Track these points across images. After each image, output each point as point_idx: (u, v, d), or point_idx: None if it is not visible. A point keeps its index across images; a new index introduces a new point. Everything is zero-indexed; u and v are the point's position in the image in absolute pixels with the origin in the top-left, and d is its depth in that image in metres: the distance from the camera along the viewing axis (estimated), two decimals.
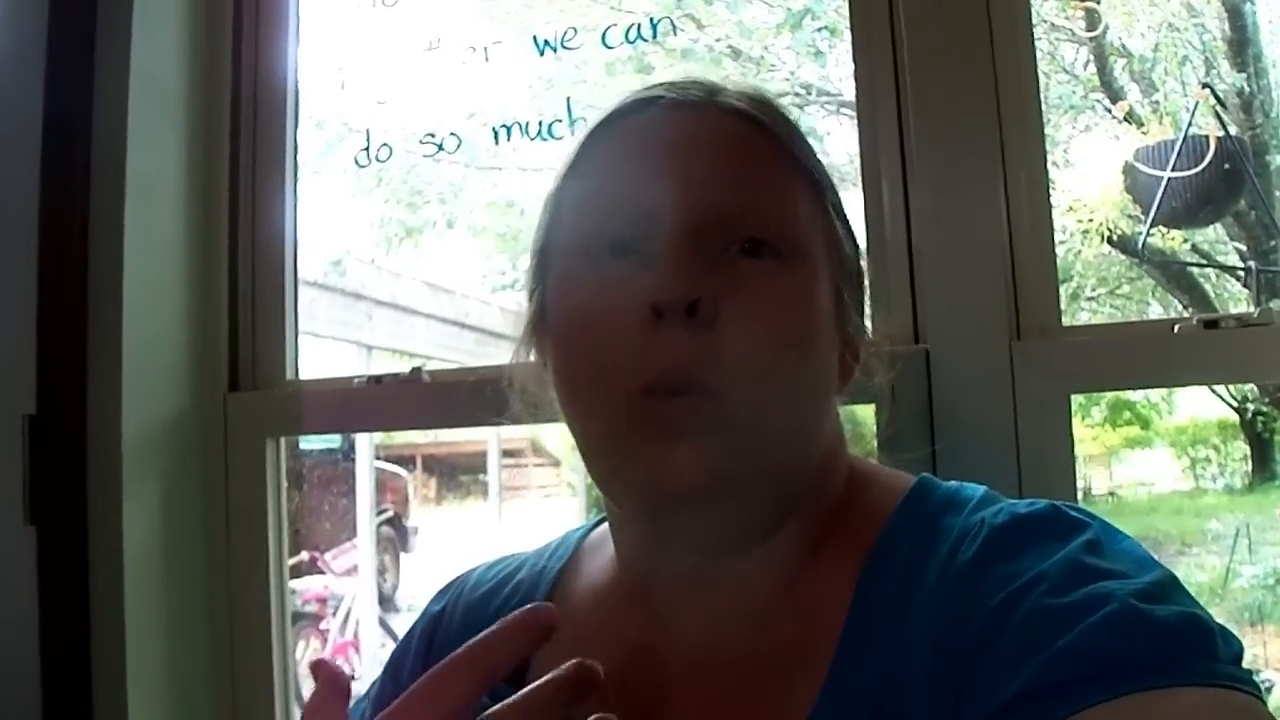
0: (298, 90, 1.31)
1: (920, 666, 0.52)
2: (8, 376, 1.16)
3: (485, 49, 1.23)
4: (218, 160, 1.28)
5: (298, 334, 1.29)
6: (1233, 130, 1.19)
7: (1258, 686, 0.46)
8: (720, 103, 0.62)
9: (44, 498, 1.15)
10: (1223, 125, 1.16)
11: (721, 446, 0.55)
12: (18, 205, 1.18)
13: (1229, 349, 0.91)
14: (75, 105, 1.18)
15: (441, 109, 1.26)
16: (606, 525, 0.70)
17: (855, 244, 0.66)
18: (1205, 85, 1.26)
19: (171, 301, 1.23)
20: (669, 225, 0.57)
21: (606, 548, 0.70)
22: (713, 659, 0.60)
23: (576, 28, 1.19)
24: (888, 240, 1.01)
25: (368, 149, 1.28)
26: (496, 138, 1.21)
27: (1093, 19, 1.30)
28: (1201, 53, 1.37)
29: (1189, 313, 1.15)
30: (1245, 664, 0.47)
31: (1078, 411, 0.97)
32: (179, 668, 1.19)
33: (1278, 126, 1.29)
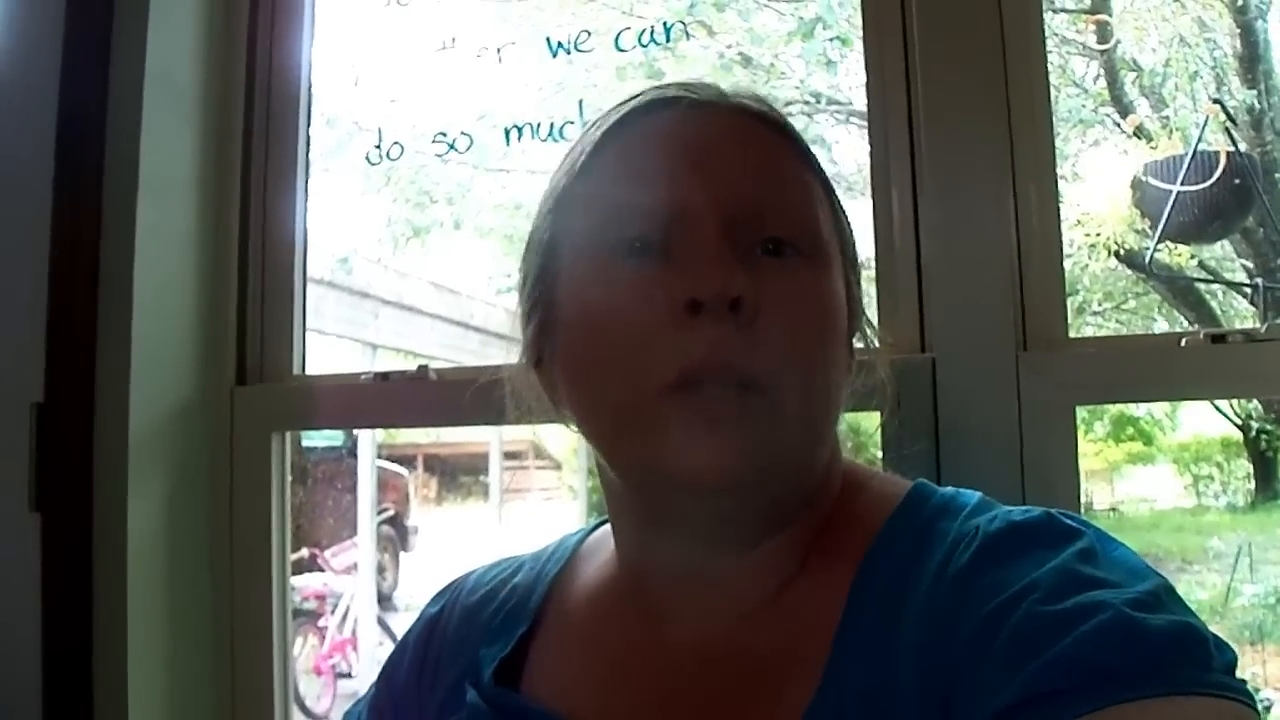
0: (311, 88, 1.32)
1: (912, 672, 0.52)
2: (17, 365, 1.17)
3: (498, 50, 1.24)
4: (230, 156, 1.29)
5: (305, 330, 1.30)
6: (1243, 147, 1.19)
7: (1251, 695, 0.46)
8: (734, 103, 0.62)
9: (50, 486, 1.15)
10: (1233, 141, 1.16)
11: (758, 440, 0.55)
12: (32, 197, 1.18)
13: (1235, 364, 0.91)
14: (90, 100, 1.18)
15: (453, 109, 1.26)
16: (604, 530, 0.70)
17: (855, 242, 0.67)
18: (1216, 101, 1.26)
19: (180, 295, 1.24)
20: (691, 224, 0.57)
21: (604, 551, 0.70)
22: (707, 660, 0.60)
23: (590, 30, 1.20)
24: (896, 249, 1.01)
25: (379, 147, 1.28)
26: (507, 138, 1.22)
27: (1104, 33, 1.30)
28: (1212, 69, 1.38)
29: (1195, 328, 1.15)
30: (1246, 683, 0.47)
31: (1080, 426, 0.97)
32: (180, 658, 1.19)
33: None
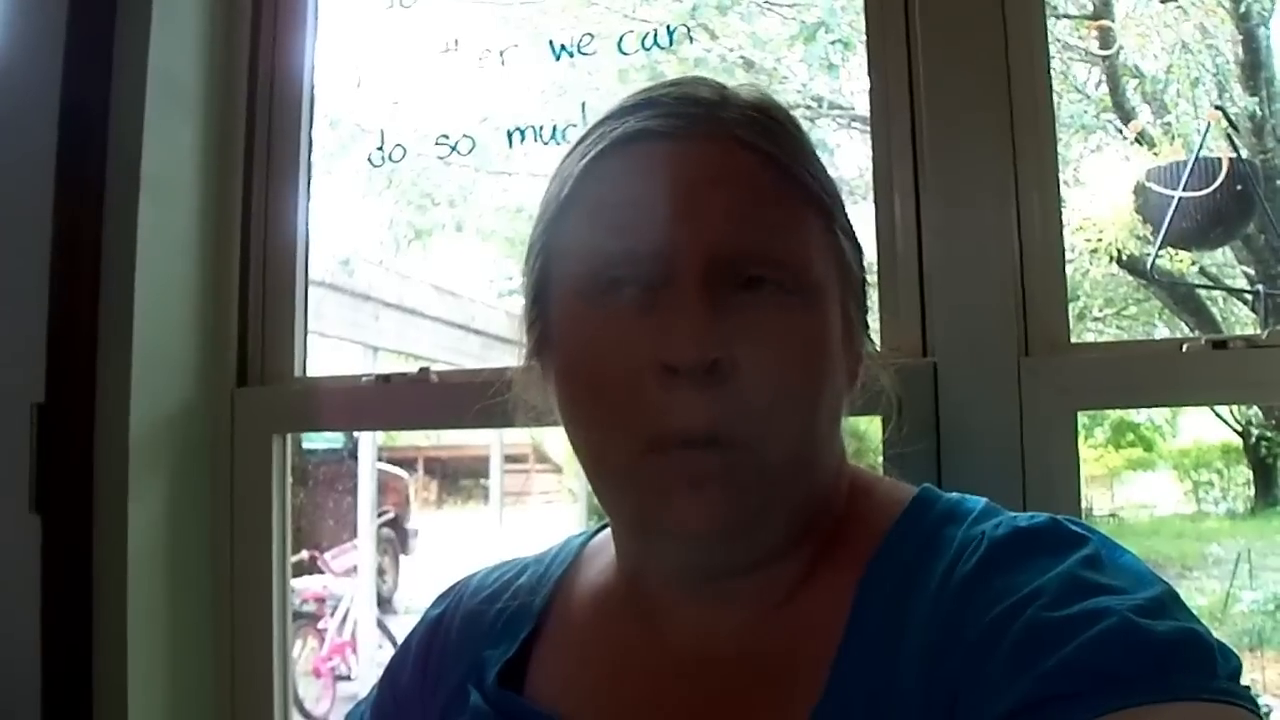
0: (313, 89, 1.32)
1: (917, 676, 0.52)
2: (18, 365, 1.17)
3: (501, 52, 1.24)
4: (232, 157, 1.29)
5: (306, 332, 1.29)
6: (1244, 153, 1.19)
7: (1255, 702, 0.46)
8: (727, 131, 0.59)
9: (50, 487, 1.15)
10: (1234, 148, 1.16)
11: (741, 492, 0.55)
12: (33, 197, 1.18)
13: (1237, 370, 0.91)
14: (92, 101, 1.19)
15: (456, 111, 1.26)
16: (608, 532, 0.70)
17: (861, 257, 0.65)
18: (1217, 107, 1.26)
19: (182, 296, 1.24)
20: (686, 271, 0.56)
21: (608, 554, 0.70)
22: (710, 665, 0.60)
23: (592, 34, 1.20)
24: (898, 253, 1.01)
25: (382, 149, 1.28)
26: (510, 141, 1.22)
27: (1106, 39, 1.30)
28: (1214, 75, 1.38)
29: (1196, 334, 1.15)
30: (1251, 690, 0.47)
31: (1081, 432, 0.97)
32: (180, 659, 1.19)
33: None
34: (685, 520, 0.55)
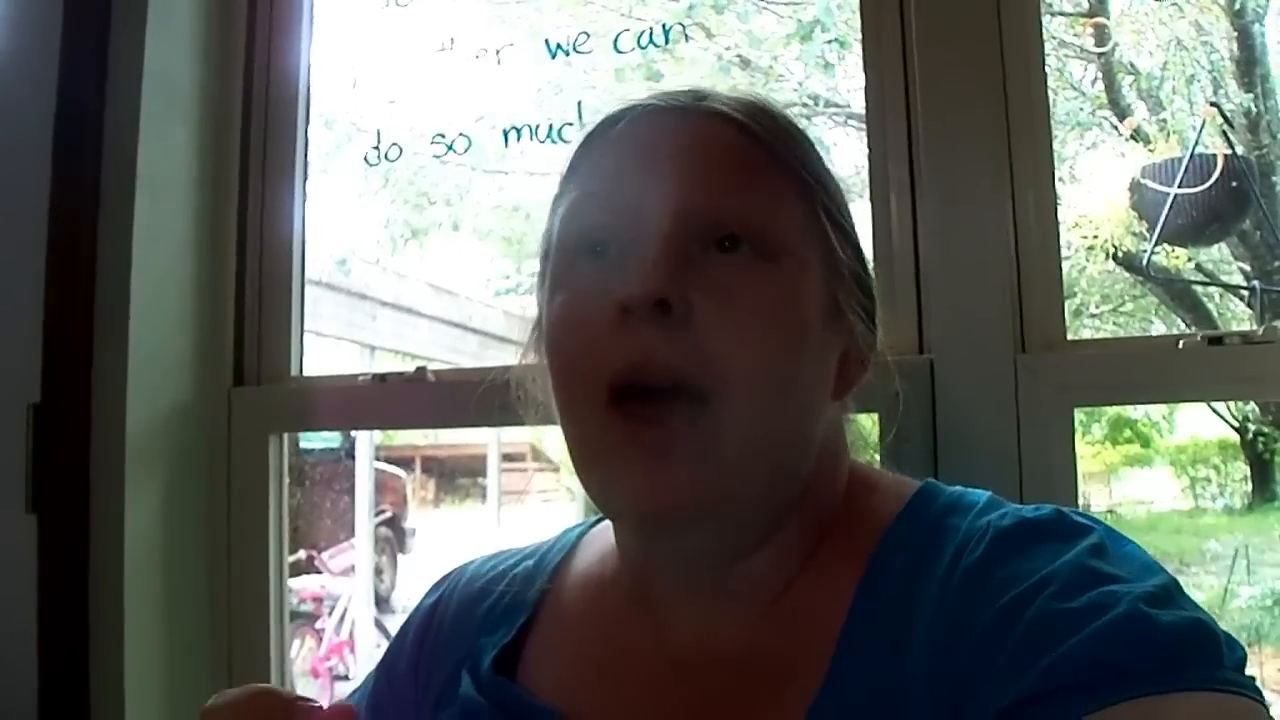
0: (309, 89, 1.32)
1: (924, 666, 0.52)
2: (14, 365, 1.17)
3: (497, 51, 1.24)
4: (228, 157, 1.29)
5: (303, 331, 1.29)
6: (1240, 150, 1.19)
7: (1260, 693, 0.46)
8: (703, 107, 0.61)
9: (46, 487, 1.15)
10: (1230, 144, 1.16)
11: (705, 461, 0.55)
12: (28, 197, 1.18)
13: (1233, 366, 0.91)
14: (88, 100, 1.19)
15: (452, 110, 1.26)
16: (606, 524, 0.71)
17: (857, 251, 0.66)
18: (1213, 104, 1.26)
19: (178, 295, 1.23)
20: (640, 225, 0.57)
21: (605, 546, 0.70)
22: (710, 659, 0.61)
23: (588, 32, 1.20)
24: (895, 251, 1.01)
25: (378, 148, 1.28)
26: (506, 140, 1.22)
27: (1102, 36, 1.30)
28: (1209, 72, 1.38)
29: (1192, 331, 1.15)
30: (1256, 680, 0.47)
31: (1078, 428, 0.97)
32: (177, 659, 1.19)
33: None
34: (640, 499, 0.55)
